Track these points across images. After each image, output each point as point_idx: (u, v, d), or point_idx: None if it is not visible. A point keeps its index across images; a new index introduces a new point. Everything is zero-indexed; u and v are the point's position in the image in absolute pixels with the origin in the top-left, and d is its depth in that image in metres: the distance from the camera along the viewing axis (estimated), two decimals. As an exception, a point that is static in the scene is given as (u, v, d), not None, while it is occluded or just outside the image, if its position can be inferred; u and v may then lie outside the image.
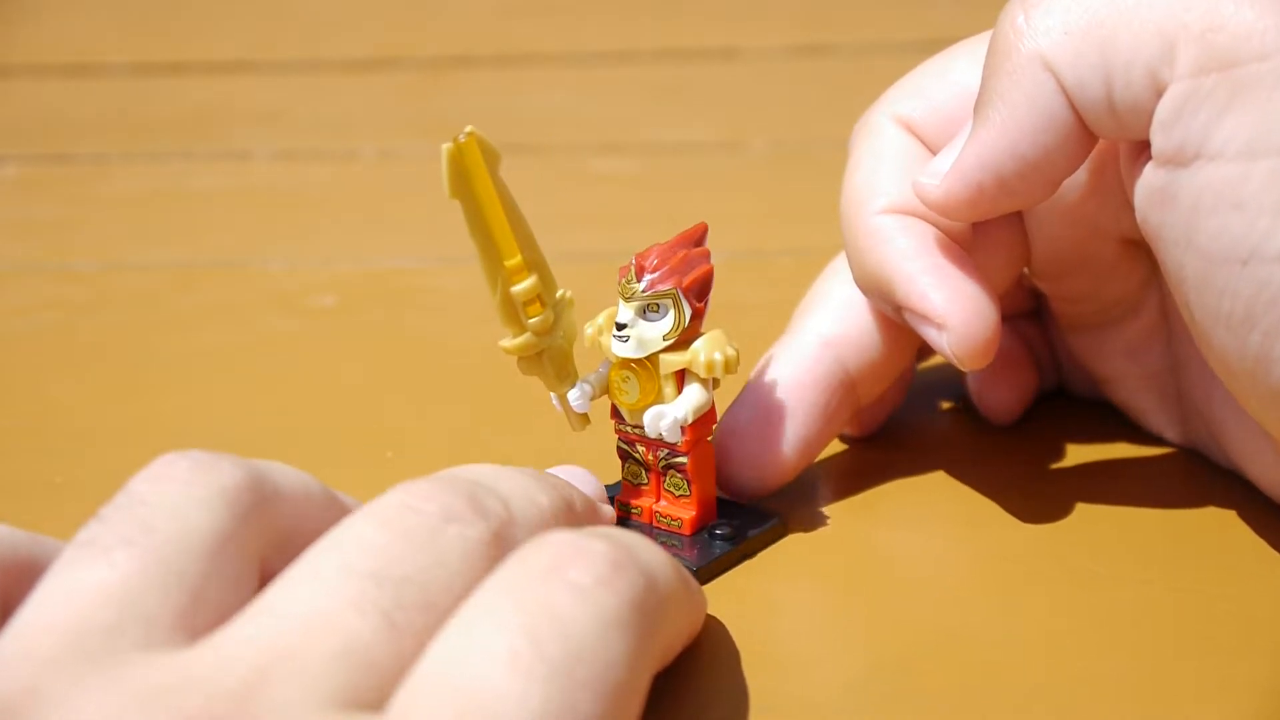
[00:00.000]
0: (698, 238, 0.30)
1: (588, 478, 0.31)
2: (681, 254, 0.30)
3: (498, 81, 0.70)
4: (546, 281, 0.30)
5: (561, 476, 0.29)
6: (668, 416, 0.30)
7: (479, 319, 0.44)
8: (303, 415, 0.39)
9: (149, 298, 0.47)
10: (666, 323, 0.30)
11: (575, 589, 0.21)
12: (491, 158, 0.28)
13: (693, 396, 0.30)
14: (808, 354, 0.32)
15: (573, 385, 0.31)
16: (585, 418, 0.31)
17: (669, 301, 0.29)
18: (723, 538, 0.31)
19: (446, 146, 0.27)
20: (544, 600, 0.21)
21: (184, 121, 0.65)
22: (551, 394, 0.31)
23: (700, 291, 0.30)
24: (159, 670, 0.20)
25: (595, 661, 0.21)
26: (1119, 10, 0.27)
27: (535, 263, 0.29)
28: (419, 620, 0.21)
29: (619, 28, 0.76)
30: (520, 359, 0.30)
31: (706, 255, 0.30)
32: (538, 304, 0.30)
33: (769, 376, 0.32)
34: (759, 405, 0.32)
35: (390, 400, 0.40)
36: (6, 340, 0.44)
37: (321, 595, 0.21)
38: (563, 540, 0.22)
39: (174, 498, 0.22)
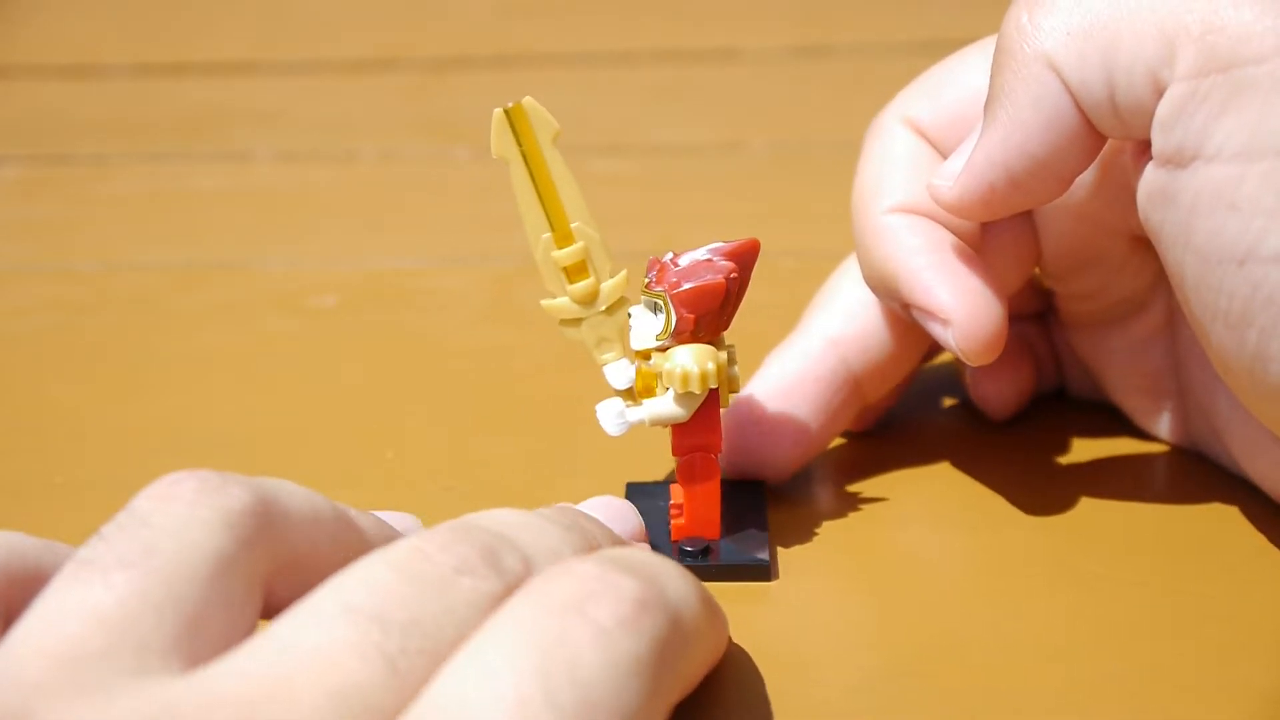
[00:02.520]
0: (732, 251, 0.30)
1: (628, 513, 0.30)
2: (701, 261, 0.30)
3: (498, 81, 0.69)
4: (596, 254, 0.30)
5: (602, 510, 0.29)
6: (612, 410, 0.30)
7: (479, 319, 0.44)
8: (303, 415, 0.39)
9: (149, 298, 0.47)
10: (659, 323, 0.30)
11: (595, 629, 0.21)
12: (545, 128, 0.30)
13: (658, 402, 0.30)
14: (813, 352, 0.33)
15: (616, 359, 0.31)
16: (629, 393, 0.31)
17: (663, 303, 0.30)
18: (690, 554, 0.31)
19: (497, 111, 0.30)
20: (560, 639, 0.20)
21: (184, 121, 0.65)
22: None
23: (694, 304, 0.29)
24: (147, 701, 0.19)
25: (610, 711, 0.20)
26: (1121, 11, 0.27)
27: (584, 234, 0.30)
28: (423, 666, 0.20)
29: (619, 28, 0.76)
30: (561, 320, 0.31)
31: (727, 271, 0.29)
32: (582, 272, 0.30)
33: (773, 372, 0.33)
34: (761, 399, 0.33)
35: (390, 400, 0.40)
36: (6, 340, 0.44)
37: (322, 634, 0.20)
38: (587, 572, 0.22)
39: (178, 520, 0.22)
